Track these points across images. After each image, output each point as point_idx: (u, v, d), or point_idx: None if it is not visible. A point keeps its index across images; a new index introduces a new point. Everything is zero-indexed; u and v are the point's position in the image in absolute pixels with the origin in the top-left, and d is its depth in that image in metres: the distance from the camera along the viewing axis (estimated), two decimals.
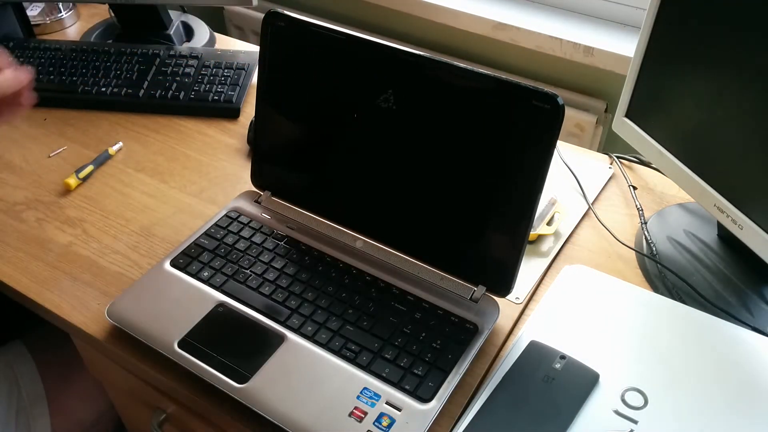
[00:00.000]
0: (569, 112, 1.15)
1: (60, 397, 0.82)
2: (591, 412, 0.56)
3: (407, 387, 0.59)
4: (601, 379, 0.59)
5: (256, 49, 1.08)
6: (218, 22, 1.53)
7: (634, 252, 0.75)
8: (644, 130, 0.76)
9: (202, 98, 0.97)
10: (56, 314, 0.69)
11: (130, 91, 0.97)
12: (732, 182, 0.66)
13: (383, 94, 0.65)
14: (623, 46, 1.10)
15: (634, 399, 0.57)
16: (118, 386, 0.83)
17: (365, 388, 0.59)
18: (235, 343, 0.63)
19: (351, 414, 0.57)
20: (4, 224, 0.79)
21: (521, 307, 0.69)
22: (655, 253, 0.73)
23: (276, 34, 0.70)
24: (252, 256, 0.71)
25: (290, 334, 0.63)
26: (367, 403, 0.58)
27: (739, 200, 0.65)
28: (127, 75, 1.00)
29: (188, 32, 1.16)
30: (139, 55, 1.03)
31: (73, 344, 0.83)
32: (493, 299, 0.66)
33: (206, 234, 0.74)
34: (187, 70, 1.00)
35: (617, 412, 0.56)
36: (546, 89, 0.56)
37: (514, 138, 0.59)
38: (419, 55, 0.62)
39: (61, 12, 1.20)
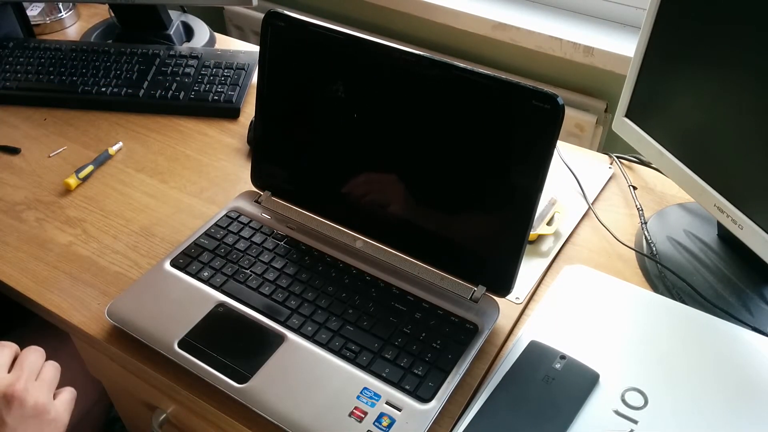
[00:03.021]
0: (569, 112, 1.15)
1: None
2: (591, 412, 0.56)
3: (407, 387, 0.59)
4: (601, 379, 0.59)
5: (256, 49, 1.08)
6: (218, 22, 1.53)
7: (634, 252, 0.75)
8: (644, 130, 0.76)
9: (202, 98, 0.97)
10: (56, 314, 0.69)
11: (130, 91, 0.97)
12: (732, 182, 0.66)
13: (383, 94, 0.65)
14: (623, 46, 1.10)
15: (634, 399, 0.57)
16: (118, 386, 0.83)
17: (365, 388, 0.59)
18: (235, 343, 0.63)
19: (351, 414, 0.57)
20: (4, 224, 0.79)
21: (521, 307, 0.69)
22: (655, 253, 0.73)
23: (276, 34, 0.70)
24: (252, 256, 0.71)
25: (290, 334, 0.63)
26: (367, 403, 0.58)
27: (739, 200, 0.65)
28: (127, 75, 1.00)
29: (188, 32, 1.16)
30: (139, 55, 1.03)
31: (61, 336, 0.82)
32: (493, 299, 0.66)
33: (206, 234, 0.74)
34: (187, 70, 1.00)
35: (617, 412, 0.56)
36: (546, 89, 0.56)
37: (515, 138, 0.59)
38: (419, 55, 0.62)
39: (61, 12, 1.20)
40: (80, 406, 0.90)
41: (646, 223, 0.78)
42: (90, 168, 0.86)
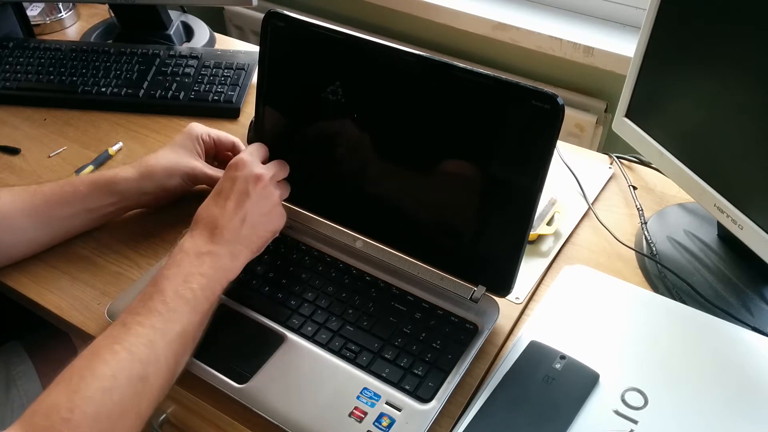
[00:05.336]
0: (569, 112, 1.15)
1: None
2: (591, 412, 0.56)
3: (407, 387, 0.59)
4: (601, 379, 0.59)
5: (256, 49, 1.08)
6: (218, 22, 1.53)
7: (634, 252, 0.75)
8: (644, 130, 0.76)
9: (202, 98, 0.97)
10: (56, 314, 0.69)
11: (130, 91, 0.97)
12: (732, 182, 0.66)
13: (383, 94, 0.65)
14: (623, 46, 1.10)
15: (634, 399, 0.57)
16: None
17: (365, 388, 0.59)
18: (235, 343, 0.63)
19: (351, 414, 0.57)
20: None
21: (521, 307, 0.69)
22: (655, 253, 0.73)
23: (276, 34, 0.70)
24: None
25: (290, 335, 0.63)
26: (367, 403, 0.58)
27: (739, 200, 0.65)
28: (127, 75, 1.00)
29: (188, 32, 1.16)
30: (139, 55, 1.03)
31: (72, 345, 0.82)
32: (493, 299, 0.66)
33: None
34: (187, 70, 1.00)
35: (617, 412, 0.56)
36: (546, 89, 0.56)
37: (515, 138, 0.59)
38: (419, 56, 0.62)
39: (61, 12, 1.20)
40: None
41: (646, 223, 0.78)
42: (90, 168, 0.86)
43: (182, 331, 0.56)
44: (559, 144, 0.87)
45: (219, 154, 0.82)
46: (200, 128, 0.79)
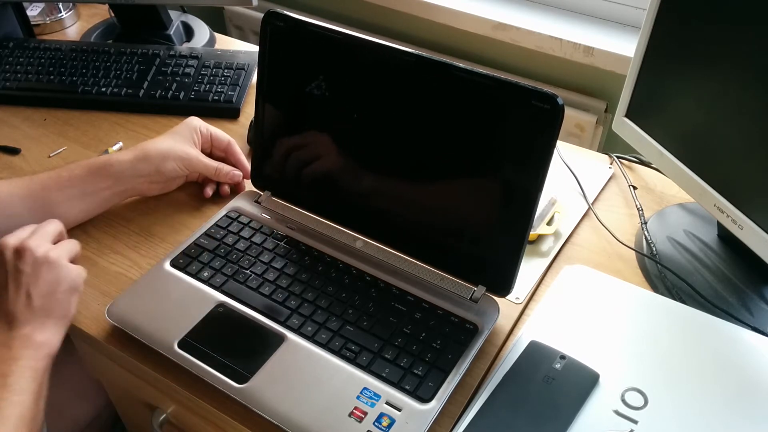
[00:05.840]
0: (569, 112, 1.15)
1: (54, 394, 0.82)
2: (591, 412, 0.56)
3: (407, 387, 0.59)
4: (601, 379, 0.59)
5: (256, 49, 1.08)
6: (218, 22, 1.53)
7: (634, 252, 0.75)
8: (644, 130, 0.76)
9: (202, 98, 0.97)
10: None
11: (130, 91, 0.97)
12: (732, 182, 0.66)
13: (383, 94, 0.65)
14: (623, 46, 1.10)
15: (634, 399, 0.57)
16: (118, 386, 0.82)
17: (365, 388, 0.59)
18: (235, 343, 0.63)
19: (351, 414, 0.57)
20: None
21: (521, 307, 0.69)
22: (655, 253, 0.73)
23: (275, 34, 0.70)
24: (252, 257, 0.71)
25: (290, 334, 0.63)
26: (367, 403, 0.58)
27: (739, 200, 0.65)
28: (127, 75, 1.00)
29: (188, 32, 1.16)
30: (139, 55, 1.03)
31: (72, 344, 0.82)
32: (493, 299, 0.66)
33: (206, 234, 0.74)
34: (187, 70, 1.00)
35: (617, 412, 0.56)
36: (546, 89, 0.56)
37: (514, 138, 0.59)
38: (419, 56, 0.62)
39: (61, 12, 1.20)
40: (90, 409, 0.90)
41: (646, 223, 0.78)
42: None
43: (21, 414, 0.57)
44: (559, 144, 0.87)
45: (214, 151, 0.82)
46: (199, 121, 0.81)
